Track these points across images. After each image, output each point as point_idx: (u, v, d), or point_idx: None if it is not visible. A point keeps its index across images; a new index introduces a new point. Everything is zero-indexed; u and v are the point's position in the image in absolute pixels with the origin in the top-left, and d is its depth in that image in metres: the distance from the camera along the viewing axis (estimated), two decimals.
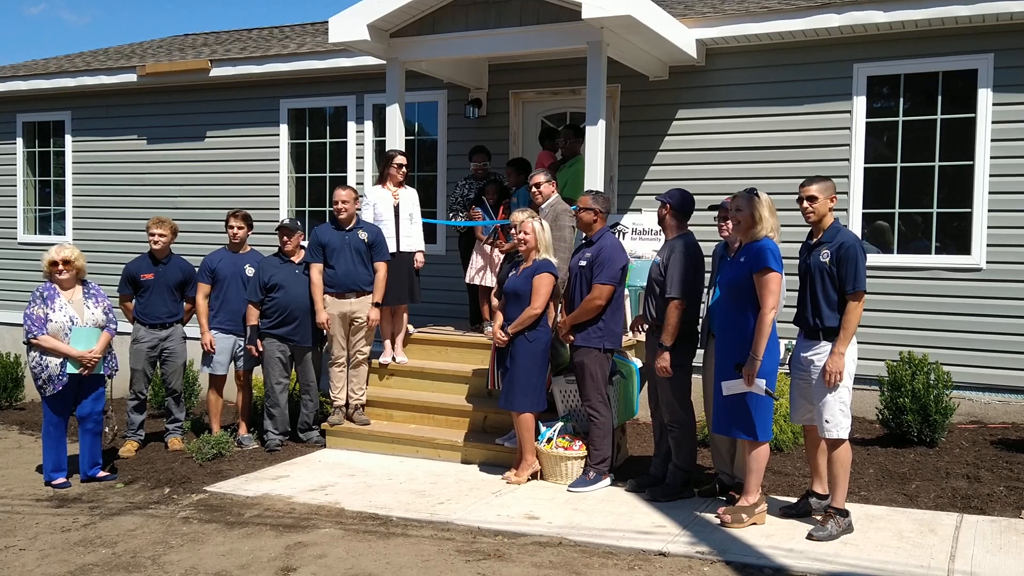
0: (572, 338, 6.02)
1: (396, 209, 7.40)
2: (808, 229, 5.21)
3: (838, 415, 4.95)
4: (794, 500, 5.48)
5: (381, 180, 7.52)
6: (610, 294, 5.89)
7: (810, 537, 4.92)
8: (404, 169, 7.44)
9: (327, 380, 7.35)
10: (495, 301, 6.78)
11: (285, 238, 7.20)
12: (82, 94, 10.97)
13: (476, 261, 7.85)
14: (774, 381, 5.14)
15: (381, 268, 7.18)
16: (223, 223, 7.71)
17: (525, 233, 6.12)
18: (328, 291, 7.12)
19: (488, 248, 7.76)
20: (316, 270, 7.12)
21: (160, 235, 7.27)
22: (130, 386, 7.32)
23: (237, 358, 7.43)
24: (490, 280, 7.70)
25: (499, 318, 6.28)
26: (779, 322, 5.56)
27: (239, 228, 7.46)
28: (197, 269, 7.42)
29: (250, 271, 7.33)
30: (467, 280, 7.95)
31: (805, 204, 5.07)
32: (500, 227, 7.61)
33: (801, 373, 5.14)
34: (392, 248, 7.30)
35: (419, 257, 7.53)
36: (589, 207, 6.05)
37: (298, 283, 7.18)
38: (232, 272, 7.36)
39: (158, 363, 7.36)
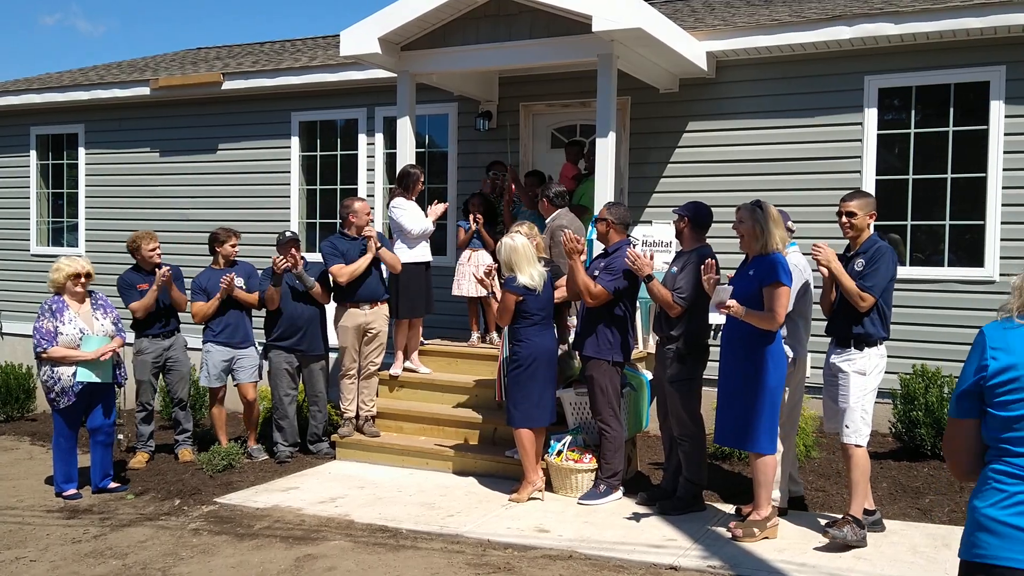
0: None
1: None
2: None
3: (858, 422, 5.01)
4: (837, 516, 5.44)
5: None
6: (604, 297, 5.85)
7: (826, 533, 5.01)
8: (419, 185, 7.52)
9: (336, 391, 7.35)
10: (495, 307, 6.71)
11: (294, 249, 7.18)
12: (95, 107, 11.05)
13: (460, 273, 7.99)
14: (779, 396, 5.13)
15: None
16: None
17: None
18: (344, 300, 7.13)
19: (466, 260, 7.93)
20: (338, 266, 7.03)
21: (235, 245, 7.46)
22: (136, 397, 7.35)
23: (235, 371, 7.41)
24: (469, 290, 7.82)
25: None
26: (812, 335, 5.66)
27: (234, 246, 7.45)
28: (189, 290, 7.38)
29: (239, 281, 7.30)
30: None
31: (844, 219, 5.14)
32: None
33: (831, 379, 5.20)
34: (405, 259, 7.31)
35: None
36: (603, 217, 6.07)
37: (299, 293, 7.19)
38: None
39: (162, 373, 7.38)
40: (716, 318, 5.09)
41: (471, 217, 7.89)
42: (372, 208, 7.38)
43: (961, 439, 2.43)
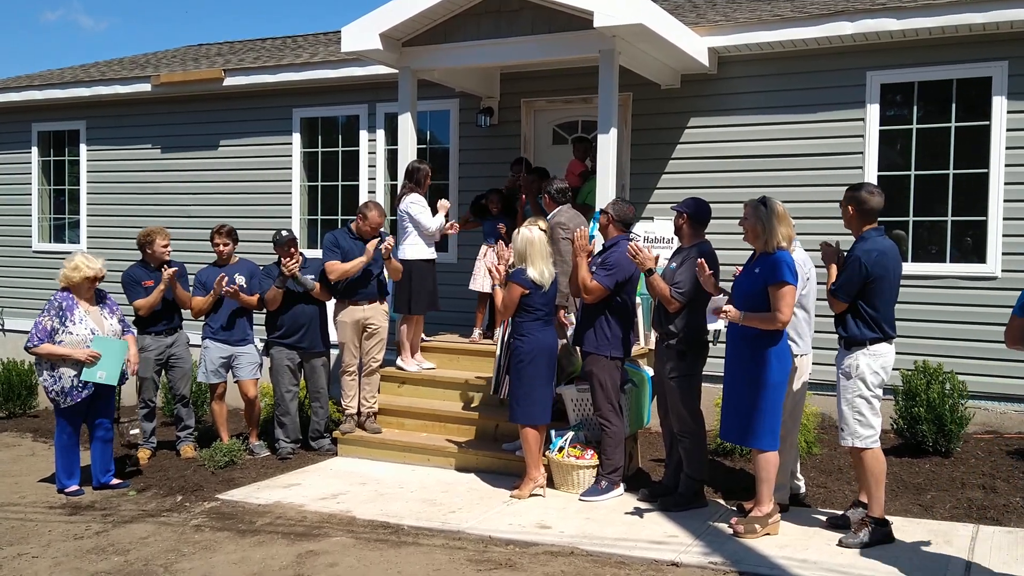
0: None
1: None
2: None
3: (853, 424, 4.96)
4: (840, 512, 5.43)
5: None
6: (600, 293, 5.84)
7: (840, 543, 4.93)
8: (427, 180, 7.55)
9: (338, 388, 7.36)
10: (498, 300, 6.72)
11: (293, 249, 7.16)
12: (97, 103, 11.05)
13: (477, 268, 8.07)
14: (782, 393, 5.13)
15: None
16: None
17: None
18: (343, 298, 7.13)
19: (482, 255, 8.00)
20: (333, 263, 7.00)
21: (224, 243, 7.37)
22: (138, 394, 7.34)
23: (234, 368, 7.40)
24: (476, 285, 7.99)
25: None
26: (820, 332, 5.64)
27: (224, 245, 7.38)
28: (191, 286, 7.40)
29: (240, 279, 7.31)
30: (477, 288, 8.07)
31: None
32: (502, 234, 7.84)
33: (837, 380, 5.18)
34: (417, 256, 7.31)
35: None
36: (606, 210, 6.10)
37: (299, 290, 7.19)
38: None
39: (164, 370, 7.38)
40: (715, 324, 5.09)
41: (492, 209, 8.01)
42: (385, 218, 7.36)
43: (1015, 328, 4.04)
